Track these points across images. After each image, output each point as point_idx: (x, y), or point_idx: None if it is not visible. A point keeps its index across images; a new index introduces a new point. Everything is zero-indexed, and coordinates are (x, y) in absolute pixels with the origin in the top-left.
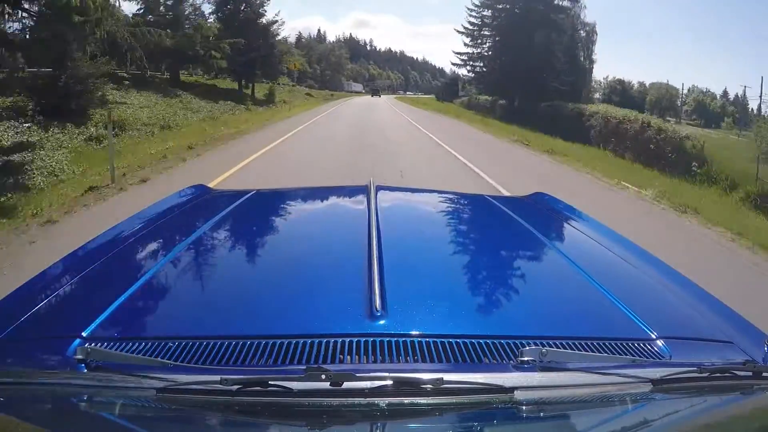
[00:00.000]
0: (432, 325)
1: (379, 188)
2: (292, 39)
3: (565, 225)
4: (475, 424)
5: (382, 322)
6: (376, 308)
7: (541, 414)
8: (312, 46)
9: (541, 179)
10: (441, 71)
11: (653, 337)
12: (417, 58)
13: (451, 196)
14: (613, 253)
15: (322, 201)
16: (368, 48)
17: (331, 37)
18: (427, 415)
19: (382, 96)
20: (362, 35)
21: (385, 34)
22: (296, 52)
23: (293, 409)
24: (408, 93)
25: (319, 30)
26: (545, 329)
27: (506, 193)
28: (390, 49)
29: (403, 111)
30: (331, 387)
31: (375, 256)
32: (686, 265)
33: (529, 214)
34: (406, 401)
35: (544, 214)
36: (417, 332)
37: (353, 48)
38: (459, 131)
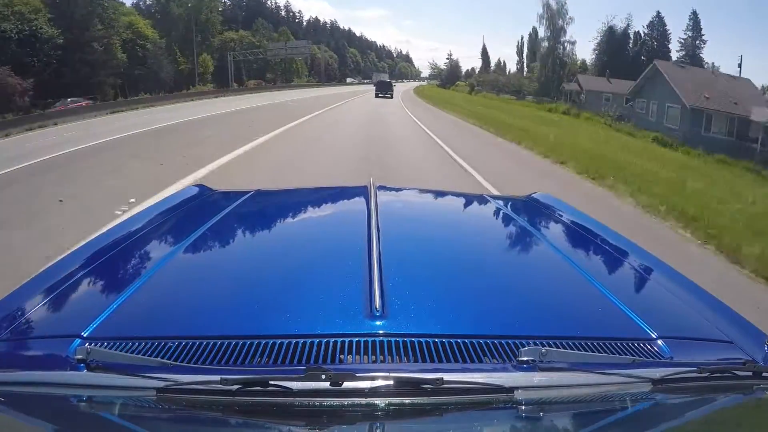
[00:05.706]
0: (432, 325)
1: (379, 188)
2: None
3: (565, 224)
4: (475, 424)
5: (382, 322)
6: (376, 308)
7: (541, 414)
8: None
9: None
10: (387, 52)
11: (653, 337)
12: (356, 33)
13: (451, 196)
14: (613, 252)
15: (322, 201)
16: (284, 13)
17: None
18: (427, 415)
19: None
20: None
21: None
22: None
23: (293, 409)
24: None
25: None
26: (545, 329)
27: None
28: (317, 18)
29: None
30: (331, 387)
31: (375, 255)
32: None
33: (529, 213)
34: (406, 401)
35: (544, 214)
36: (417, 332)
37: (255, 10)
38: None
